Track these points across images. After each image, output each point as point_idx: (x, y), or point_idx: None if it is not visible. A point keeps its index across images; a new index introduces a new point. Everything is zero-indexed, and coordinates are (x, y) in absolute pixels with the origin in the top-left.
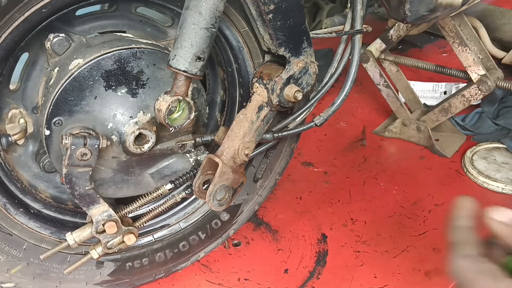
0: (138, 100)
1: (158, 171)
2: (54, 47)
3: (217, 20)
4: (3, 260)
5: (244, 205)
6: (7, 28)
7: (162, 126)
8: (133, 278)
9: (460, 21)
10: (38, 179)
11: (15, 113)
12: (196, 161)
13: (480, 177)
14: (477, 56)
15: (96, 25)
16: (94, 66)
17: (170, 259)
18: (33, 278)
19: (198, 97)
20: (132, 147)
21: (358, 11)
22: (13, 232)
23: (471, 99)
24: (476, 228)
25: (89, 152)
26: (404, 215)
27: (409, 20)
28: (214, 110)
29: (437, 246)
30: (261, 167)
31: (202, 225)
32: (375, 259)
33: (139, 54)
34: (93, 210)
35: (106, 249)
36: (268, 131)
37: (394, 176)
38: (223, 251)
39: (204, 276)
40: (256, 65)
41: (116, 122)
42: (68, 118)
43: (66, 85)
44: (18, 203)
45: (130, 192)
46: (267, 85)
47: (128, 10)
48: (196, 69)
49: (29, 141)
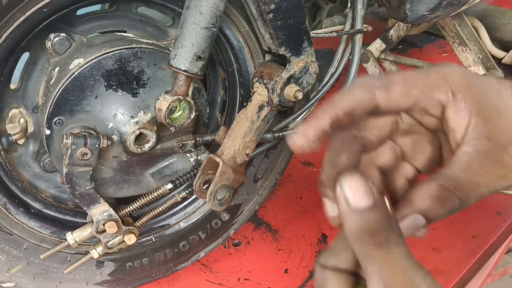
0: (138, 99)
1: (158, 171)
2: (54, 46)
3: (217, 20)
4: (4, 260)
5: (245, 205)
6: (8, 28)
7: (163, 126)
8: (133, 278)
9: (460, 21)
10: (38, 179)
11: (16, 112)
12: (197, 161)
13: None
14: (477, 56)
15: (96, 25)
16: (95, 65)
17: (170, 259)
18: (33, 277)
19: (198, 97)
20: (133, 146)
21: (358, 10)
22: (14, 232)
23: None
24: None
25: (89, 152)
26: None
27: (409, 20)
28: (214, 110)
29: (437, 246)
30: (261, 167)
31: (202, 225)
32: None
33: (140, 54)
34: (94, 209)
35: (107, 249)
36: (268, 130)
37: None
38: (223, 251)
39: (204, 276)
40: (257, 65)
41: (117, 121)
42: (69, 118)
43: (66, 84)
44: (18, 203)
45: (131, 192)
46: (267, 84)
47: (129, 9)
48: (196, 69)
49: (30, 140)
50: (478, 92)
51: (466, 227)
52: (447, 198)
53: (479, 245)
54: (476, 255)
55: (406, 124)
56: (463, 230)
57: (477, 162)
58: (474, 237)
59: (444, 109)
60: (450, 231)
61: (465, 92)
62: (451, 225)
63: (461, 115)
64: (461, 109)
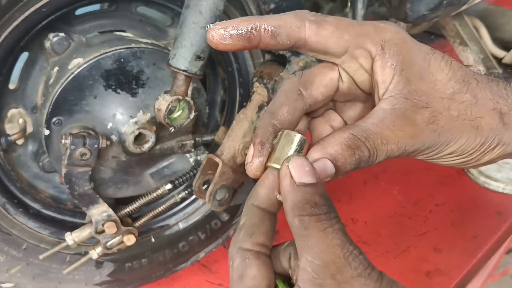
0: (138, 99)
1: (158, 171)
2: (53, 46)
3: (217, 19)
4: (3, 260)
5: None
6: (7, 28)
7: (162, 126)
8: (133, 279)
9: (460, 20)
10: (37, 179)
11: (15, 112)
12: (196, 161)
13: (481, 177)
14: (477, 55)
15: (95, 25)
16: (94, 65)
17: (169, 259)
18: (32, 278)
19: (198, 96)
20: (132, 147)
21: (358, 10)
22: (13, 232)
23: None
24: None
25: (88, 152)
26: (405, 215)
27: (409, 20)
28: (214, 110)
29: (438, 246)
30: None
31: (201, 225)
32: (376, 259)
33: (139, 54)
34: (93, 210)
35: (106, 250)
36: None
37: (394, 176)
38: (223, 252)
39: (204, 277)
40: (256, 65)
41: (116, 121)
42: (68, 118)
43: (66, 84)
44: (17, 203)
45: (130, 192)
46: (267, 84)
47: (128, 9)
48: (196, 69)
49: (29, 141)
50: (407, 52)
51: (466, 228)
52: (357, 147)
53: (480, 246)
54: (476, 255)
55: (346, 85)
56: (464, 231)
57: (390, 119)
58: (474, 238)
59: (373, 62)
60: (450, 232)
61: (393, 49)
62: (451, 225)
63: (386, 71)
64: (388, 65)
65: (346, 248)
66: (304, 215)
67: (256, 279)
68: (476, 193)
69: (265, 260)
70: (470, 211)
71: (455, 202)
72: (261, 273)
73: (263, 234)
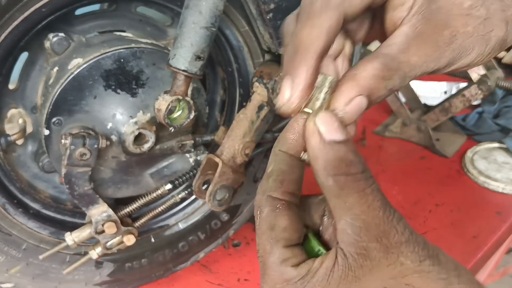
0: (137, 99)
1: (157, 171)
2: (53, 46)
3: (217, 19)
4: (3, 260)
5: (244, 205)
6: (7, 28)
7: (162, 126)
8: (133, 279)
9: None
10: (37, 179)
11: (14, 113)
12: (196, 161)
13: (480, 177)
14: None
15: (95, 25)
16: (94, 65)
17: (169, 260)
18: (32, 278)
19: (198, 96)
20: (132, 147)
21: None
22: (12, 232)
23: (471, 99)
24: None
25: (88, 152)
26: (405, 215)
27: None
28: (214, 110)
29: (438, 246)
30: (261, 167)
31: (201, 225)
32: None
33: (139, 54)
34: (93, 210)
35: (106, 250)
36: (268, 130)
37: (394, 176)
38: (223, 252)
39: (204, 277)
40: (256, 65)
41: (116, 122)
42: (68, 118)
43: (65, 84)
44: (17, 203)
45: (130, 192)
46: (267, 84)
47: (128, 9)
48: (196, 69)
49: (28, 141)
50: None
51: (466, 228)
52: (390, 77)
53: (479, 246)
54: (476, 255)
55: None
56: (463, 231)
57: (415, 44)
58: (474, 238)
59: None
60: (450, 232)
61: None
62: (451, 225)
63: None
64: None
65: (388, 210)
66: (340, 174)
67: (287, 231)
68: (476, 193)
69: (296, 211)
70: (470, 211)
71: (455, 202)
72: (293, 225)
73: (293, 182)
